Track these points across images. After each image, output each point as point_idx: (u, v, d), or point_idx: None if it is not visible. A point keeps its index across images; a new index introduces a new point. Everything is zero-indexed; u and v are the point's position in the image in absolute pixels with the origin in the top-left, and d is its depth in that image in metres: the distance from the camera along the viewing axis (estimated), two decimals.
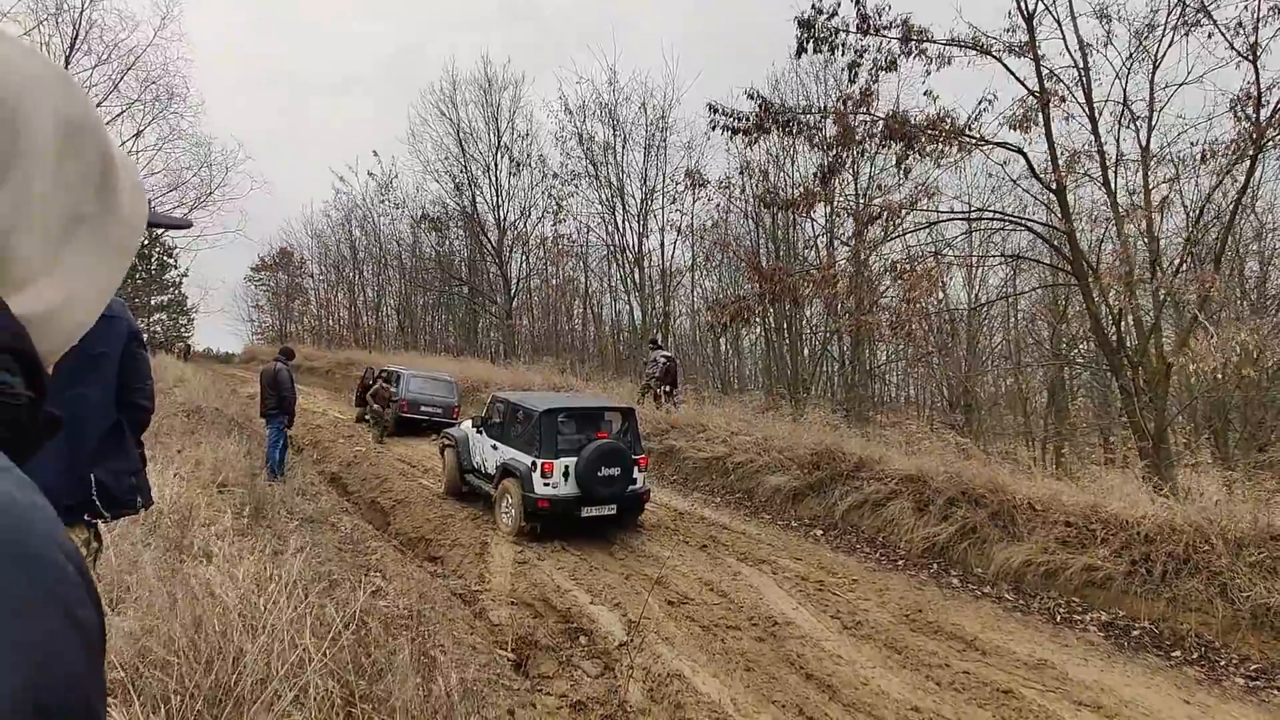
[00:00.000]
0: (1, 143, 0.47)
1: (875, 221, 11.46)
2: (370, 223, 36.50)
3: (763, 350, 22.80)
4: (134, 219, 0.60)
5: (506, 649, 5.18)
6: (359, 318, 40.92)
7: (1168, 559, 6.12)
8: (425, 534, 7.85)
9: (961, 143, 10.62)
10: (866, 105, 11.01)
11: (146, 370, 2.58)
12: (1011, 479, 7.87)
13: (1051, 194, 10.96)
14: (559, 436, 7.86)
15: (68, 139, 0.51)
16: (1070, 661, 5.30)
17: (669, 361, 14.16)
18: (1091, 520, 6.78)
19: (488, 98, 27.71)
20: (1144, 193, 11.35)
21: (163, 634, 3.01)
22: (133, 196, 0.59)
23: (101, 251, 0.56)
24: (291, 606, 3.44)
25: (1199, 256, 12.02)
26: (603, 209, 25.23)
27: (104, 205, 0.56)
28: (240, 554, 4.32)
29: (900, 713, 4.45)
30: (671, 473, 11.24)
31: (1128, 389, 9.79)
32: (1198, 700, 4.80)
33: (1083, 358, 16.17)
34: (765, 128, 11.61)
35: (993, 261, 17.04)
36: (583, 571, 6.80)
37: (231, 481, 6.97)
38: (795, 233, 20.59)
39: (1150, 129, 10.98)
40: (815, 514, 9.01)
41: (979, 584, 6.93)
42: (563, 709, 4.47)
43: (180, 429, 9.23)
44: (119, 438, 2.48)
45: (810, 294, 13.66)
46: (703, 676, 4.85)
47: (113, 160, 0.56)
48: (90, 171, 0.54)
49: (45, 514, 0.40)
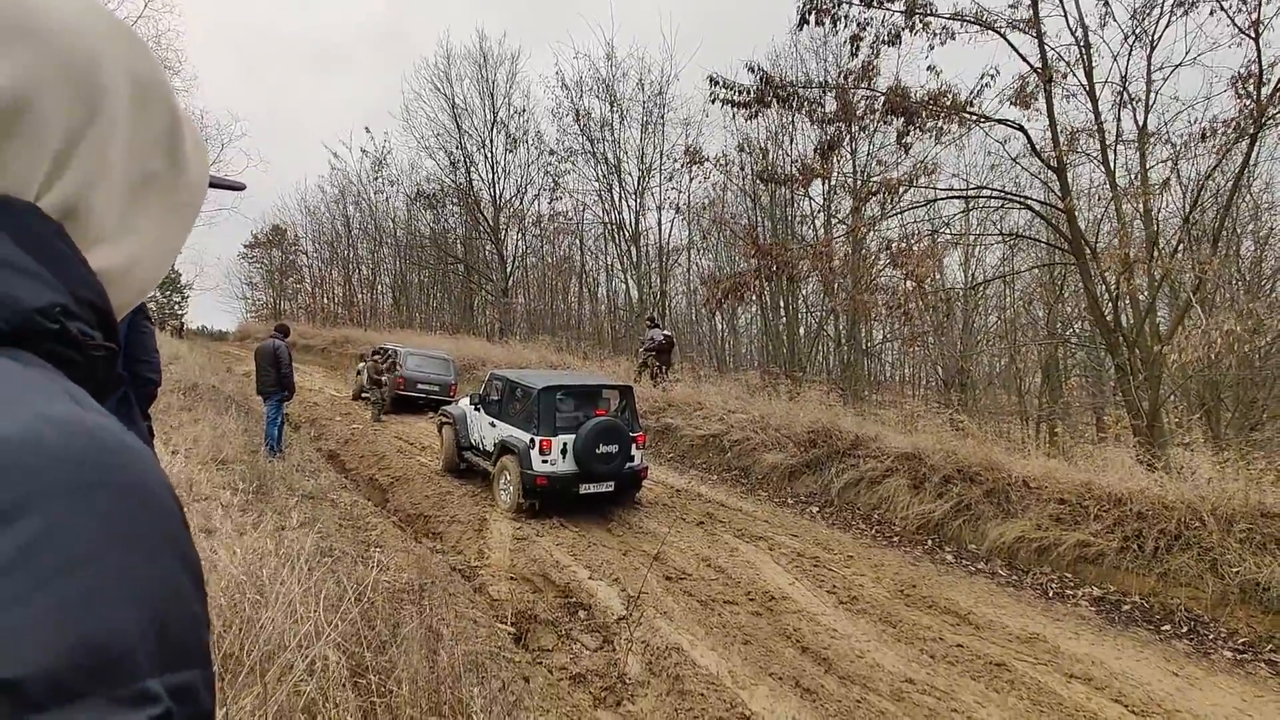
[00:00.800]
0: (84, 100, 0.47)
1: (873, 197, 11.42)
2: (365, 199, 36.27)
3: (759, 329, 22.80)
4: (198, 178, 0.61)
5: (507, 623, 5.24)
6: (354, 295, 40.74)
7: (1159, 535, 6.20)
8: (424, 510, 7.90)
9: (963, 118, 10.56)
10: (868, 80, 10.93)
11: (152, 343, 2.56)
12: (1006, 457, 7.95)
13: (1051, 172, 10.93)
14: (557, 414, 7.89)
15: (139, 97, 0.52)
16: (1062, 635, 5.39)
17: (666, 339, 14.17)
18: (1085, 497, 6.86)
19: (483, 73, 27.41)
20: (1141, 172, 11.34)
21: None
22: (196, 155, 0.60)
23: (169, 210, 0.57)
24: (297, 580, 3.48)
25: (1196, 237, 12.03)
26: (599, 186, 25.08)
27: (172, 164, 0.57)
28: (243, 528, 4.36)
29: (894, 685, 4.54)
30: (669, 450, 11.30)
31: (1123, 368, 9.84)
32: (1186, 673, 4.90)
33: (1078, 337, 16.23)
34: (765, 101, 11.52)
35: (990, 241, 17.05)
36: (581, 547, 6.86)
37: (231, 458, 6.99)
38: (793, 210, 20.50)
39: (1148, 109, 10.94)
40: (811, 491, 9.08)
41: (973, 560, 7.03)
42: (563, 681, 4.53)
43: (178, 406, 9.23)
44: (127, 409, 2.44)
45: (807, 270, 13.65)
46: (701, 649, 4.92)
47: (180, 119, 0.57)
48: (160, 130, 0.55)
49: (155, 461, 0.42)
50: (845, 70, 12.25)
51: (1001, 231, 15.28)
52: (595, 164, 24.85)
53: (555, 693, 4.33)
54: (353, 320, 36.92)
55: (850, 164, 17.76)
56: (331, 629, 3.10)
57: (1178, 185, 11.72)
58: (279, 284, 47.60)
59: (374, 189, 35.01)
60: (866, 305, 13.24)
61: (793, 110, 12.97)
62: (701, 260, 25.80)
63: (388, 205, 35.28)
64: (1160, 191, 11.13)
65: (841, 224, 16.63)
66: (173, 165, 0.57)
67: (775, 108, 12.66)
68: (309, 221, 42.58)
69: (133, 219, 0.53)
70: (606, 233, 26.12)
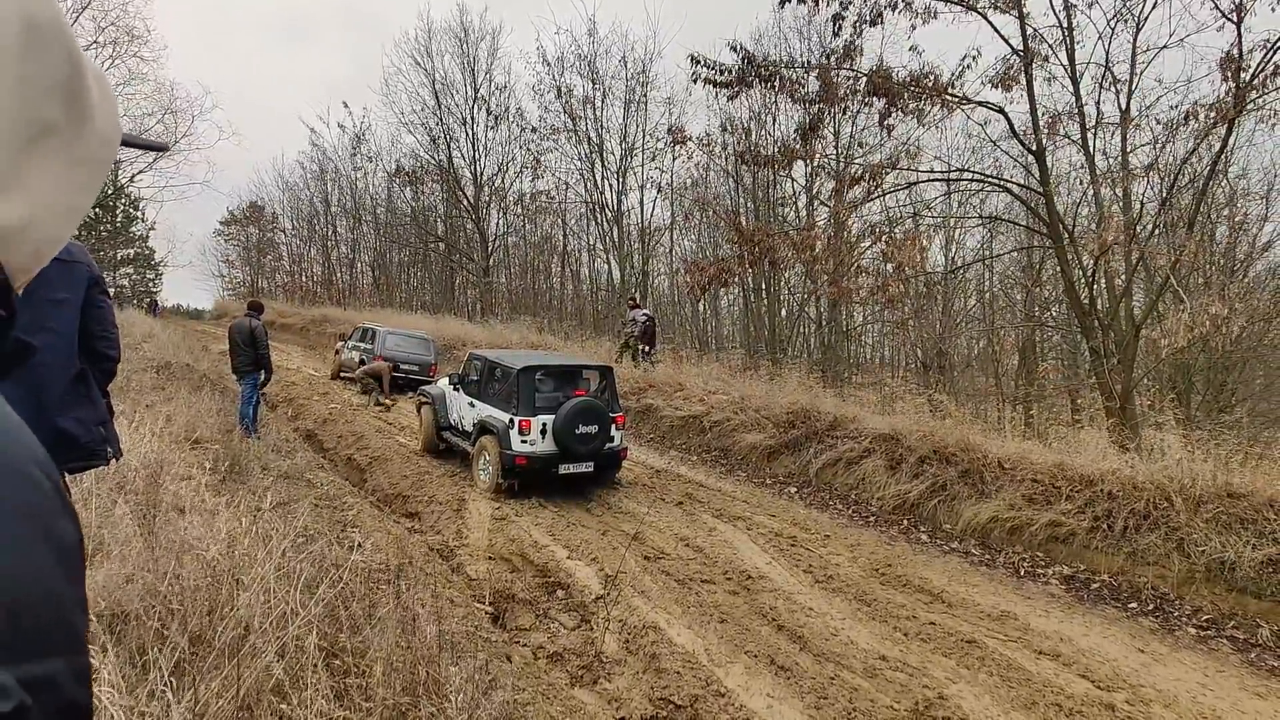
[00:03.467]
0: None
1: (857, 184, 11.40)
2: (344, 176, 35.71)
3: (741, 310, 22.84)
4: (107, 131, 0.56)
5: (485, 602, 5.24)
6: (333, 274, 40.21)
7: (1129, 515, 6.32)
8: (402, 491, 7.86)
9: (945, 100, 10.54)
10: (850, 60, 10.86)
11: (111, 319, 2.47)
12: (983, 438, 8.04)
13: (1031, 155, 10.97)
14: (536, 394, 7.85)
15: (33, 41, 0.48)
16: (1032, 613, 5.49)
17: (648, 320, 14.14)
18: (1058, 478, 6.97)
19: (464, 48, 26.96)
20: (1121, 156, 11.42)
21: (139, 585, 3.00)
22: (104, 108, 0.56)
23: (71, 164, 0.53)
24: (271, 560, 3.44)
25: (1173, 222, 12.17)
26: (581, 165, 24.87)
27: (73, 115, 0.52)
28: (216, 509, 4.30)
29: (868, 662, 4.60)
30: (649, 431, 11.32)
31: (1098, 351, 9.97)
32: (1151, 649, 5.01)
33: (1055, 320, 16.42)
34: (748, 81, 11.42)
35: (970, 224, 17.14)
36: (560, 528, 6.87)
37: (205, 438, 6.90)
38: (775, 191, 20.47)
39: (1131, 92, 11.01)
40: (790, 472, 9.15)
41: (947, 539, 7.12)
42: (540, 660, 4.55)
43: (150, 385, 9.07)
44: (85, 387, 2.38)
45: (790, 258, 13.64)
46: (677, 628, 4.95)
47: (81, 66, 0.53)
48: (57, 77, 0.50)
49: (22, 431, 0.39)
50: (828, 50, 12.17)
51: (981, 214, 15.36)
52: (577, 142, 24.64)
53: (532, 671, 4.35)
54: (332, 299, 36.47)
55: (833, 146, 17.75)
56: (306, 611, 3.08)
57: (1155, 170, 11.83)
58: (256, 262, 46.88)
59: (353, 165, 34.47)
60: (848, 289, 13.28)
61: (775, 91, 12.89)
62: (684, 241, 25.77)
63: (367, 182, 34.79)
64: (1143, 175, 11.22)
65: (824, 206, 16.62)
66: (74, 116, 0.52)
67: (758, 88, 12.58)
68: (287, 198, 41.94)
69: (26, 172, 0.49)
70: (589, 212, 25.97)
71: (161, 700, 2.16)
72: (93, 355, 2.40)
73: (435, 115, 27.39)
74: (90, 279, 2.39)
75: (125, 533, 3.66)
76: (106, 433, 2.45)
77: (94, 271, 2.42)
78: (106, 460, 2.45)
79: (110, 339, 2.47)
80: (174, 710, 2.10)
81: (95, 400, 2.42)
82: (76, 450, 2.31)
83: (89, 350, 2.39)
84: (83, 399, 2.37)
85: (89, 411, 2.38)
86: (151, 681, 2.48)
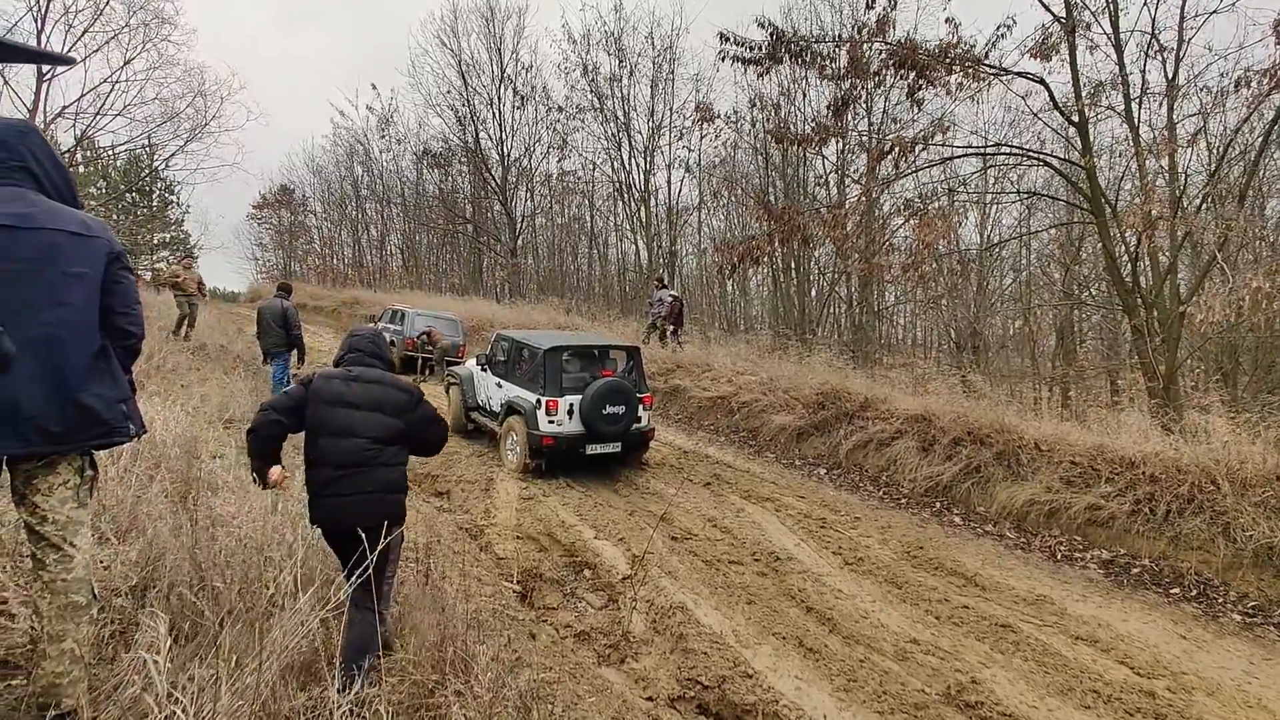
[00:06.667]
0: None
1: (887, 156, 11.11)
2: (372, 159, 35.91)
3: (770, 291, 22.58)
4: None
5: (512, 581, 5.27)
6: (363, 257, 40.61)
7: (1172, 499, 6.13)
8: (431, 470, 7.92)
9: (979, 72, 10.20)
10: (882, 34, 10.56)
11: (134, 295, 2.44)
12: (1018, 419, 7.86)
13: (1072, 127, 10.60)
14: (563, 375, 7.84)
15: None
16: (1069, 597, 5.36)
17: (675, 301, 14.04)
18: (1097, 460, 6.78)
19: (490, 27, 26.80)
20: (1168, 127, 10.97)
21: (170, 562, 3.04)
22: None
23: None
24: (301, 538, 3.47)
25: (1220, 195, 11.70)
26: (608, 145, 24.69)
27: None
28: (248, 487, 4.35)
29: (899, 645, 4.53)
30: (676, 411, 11.27)
31: (1140, 330, 9.66)
32: (1194, 635, 4.86)
33: (1094, 299, 15.96)
34: (777, 57, 11.17)
35: (1006, 200, 16.67)
36: (587, 508, 6.87)
37: (238, 418, 7.00)
38: (805, 170, 20.11)
39: (1178, 59, 10.53)
40: (819, 453, 9.04)
41: (981, 522, 6.99)
42: (567, 638, 4.55)
43: (186, 365, 9.24)
44: (106, 363, 2.37)
45: (821, 235, 13.40)
46: (705, 609, 4.93)
47: None
48: None
49: None
50: (859, 23, 11.85)
51: (1019, 190, 14.90)
52: (604, 122, 24.46)
53: (559, 650, 4.35)
54: (362, 281, 36.84)
55: (865, 122, 17.36)
56: (335, 587, 3.10)
57: (1204, 141, 11.36)
58: (289, 245, 47.50)
59: (381, 148, 34.63)
60: (880, 268, 13.02)
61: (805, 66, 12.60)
62: (712, 220, 25.49)
63: (395, 165, 34.94)
64: (1187, 146, 10.78)
65: (855, 184, 16.29)
66: None
67: (787, 64, 12.30)
68: (317, 181, 42.35)
69: None
70: (616, 192, 25.81)
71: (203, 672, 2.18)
72: (114, 332, 2.39)
73: (462, 96, 27.36)
74: (110, 254, 2.35)
75: (159, 509, 3.71)
76: (128, 409, 2.43)
77: (114, 247, 2.38)
78: (129, 438, 2.44)
79: (132, 315, 2.43)
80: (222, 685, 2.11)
81: (117, 376, 2.41)
82: (98, 426, 2.31)
83: (110, 326, 2.37)
84: (104, 375, 2.35)
85: (111, 388, 2.36)
86: (188, 653, 2.51)
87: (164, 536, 3.28)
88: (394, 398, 3.19)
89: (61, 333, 2.22)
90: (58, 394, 2.21)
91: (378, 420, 3.12)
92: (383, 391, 3.18)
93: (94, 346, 2.32)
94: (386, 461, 3.12)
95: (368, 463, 3.06)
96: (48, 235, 2.21)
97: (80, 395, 2.25)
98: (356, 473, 3.03)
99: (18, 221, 2.17)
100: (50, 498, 2.25)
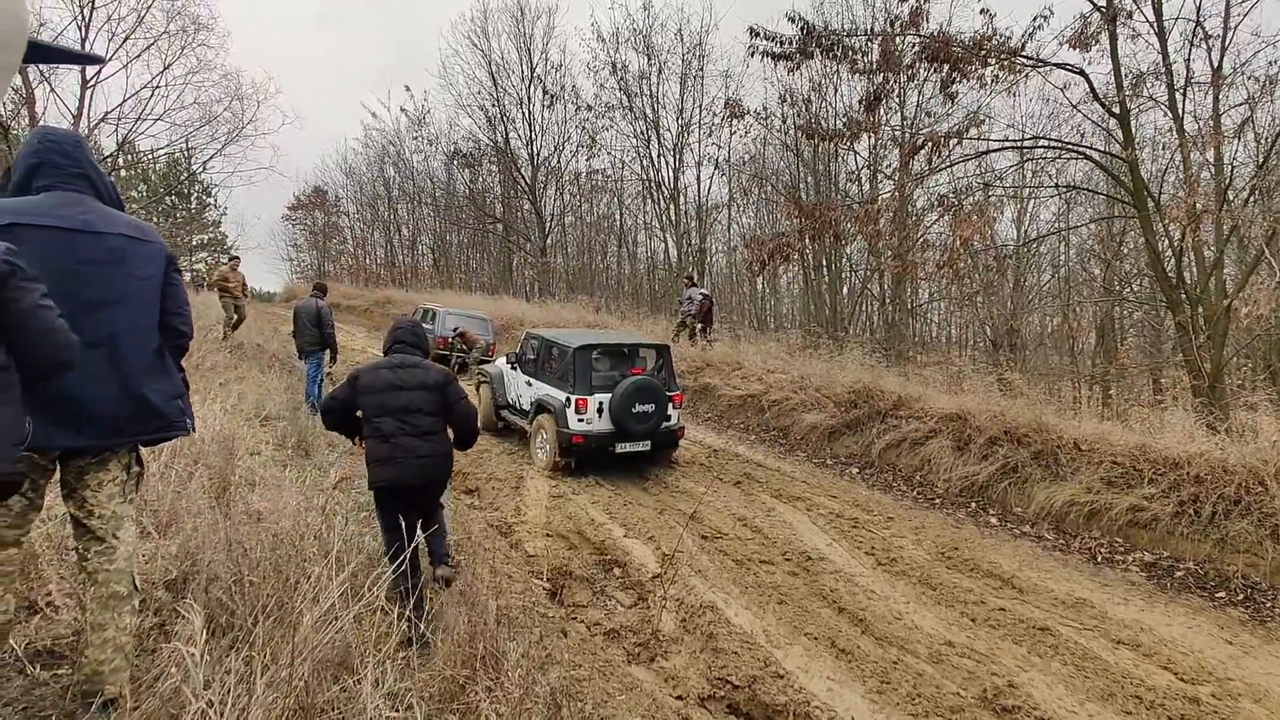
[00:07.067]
0: None
1: (921, 151, 10.93)
2: (404, 160, 36.36)
3: (801, 288, 22.38)
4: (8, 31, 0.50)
5: (542, 579, 5.29)
6: (395, 257, 41.15)
7: (1218, 500, 5.94)
8: (461, 468, 7.99)
9: (1016, 64, 9.97)
10: (916, 26, 10.39)
11: (184, 296, 2.58)
12: (1057, 419, 7.68)
13: (1113, 119, 10.31)
14: (593, 373, 7.86)
15: None
16: (1110, 601, 5.23)
17: (705, 299, 13.99)
18: (1139, 460, 6.59)
19: (520, 27, 26.94)
20: (1213, 117, 10.63)
21: (207, 557, 3.10)
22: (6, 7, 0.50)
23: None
24: (337, 534, 3.52)
25: (1269, 188, 11.31)
26: (637, 143, 24.66)
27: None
28: (283, 483, 4.43)
29: (933, 647, 4.45)
30: (706, 410, 11.23)
31: (1185, 326, 9.37)
32: (1241, 640, 4.71)
33: (1135, 295, 15.54)
34: (808, 52, 11.06)
35: (1044, 195, 16.32)
36: (617, 506, 6.87)
37: (274, 415, 7.13)
38: (837, 165, 19.88)
39: (1224, 47, 10.19)
40: (851, 452, 8.94)
41: (1018, 523, 6.84)
42: (597, 636, 4.56)
43: (223, 364, 9.45)
44: (163, 361, 2.50)
45: (853, 231, 13.24)
46: (735, 608, 4.90)
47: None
48: None
49: None
50: (893, 16, 11.67)
51: (1057, 184, 14.55)
52: (633, 120, 24.42)
53: (589, 648, 4.36)
54: (394, 281, 37.34)
55: (898, 116, 17.10)
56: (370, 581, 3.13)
57: (1251, 132, 10.98)
58: (323, 246, 48.32)
59: (412, 149, 35.04)
60: (913, 265, 12.82)
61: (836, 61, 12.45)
62: (742, 218, 25.34)
63: (426, 165, 35.33)
64: (1234, 138, 10.43)
65: (888, 180, 16.06)
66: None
67: (818, 58, 12.17)
68: (349, 183, 43.00)
69: None
70: (645, 190, 25.79)
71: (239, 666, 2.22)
72: (168, 331, 2.52)
73: (492, 96, 27.56)
74: (166, 257, 2.50)
75: (198, 505, 3.80)
76: (184, 405, 2.56)
77: (167, 250, 2.53)
78: (186, 432, 2.57)
79: (184, 316, 2.57)
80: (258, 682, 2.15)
81: (173, 373, 2.54)
82: (158, 420, 2.42)
83: (165, 326, 2.51)
84: (163, 372, 2.48)
85: (168, 384, 2.49)
86: (224, 646, 2.56)
87: (202, 531, 3.36)
88: (433, 375, 4.03)
89: (126, 332, 2.35)
90: (123, 390, 2.32)
91: (423, 395, 3.93)
92: (423, 372, 4.01)
93: (154, 345, 2.45)
94: (432, 430, 3.94)
95: (417, 433, 3.87)
96: (113, 239, 2.34)
97: (143, 391, 2.37)
98: (409, 443, 3.83)
99: (85, 225, 2.29)
100: (99, 493, 2.34)
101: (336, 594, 2.74)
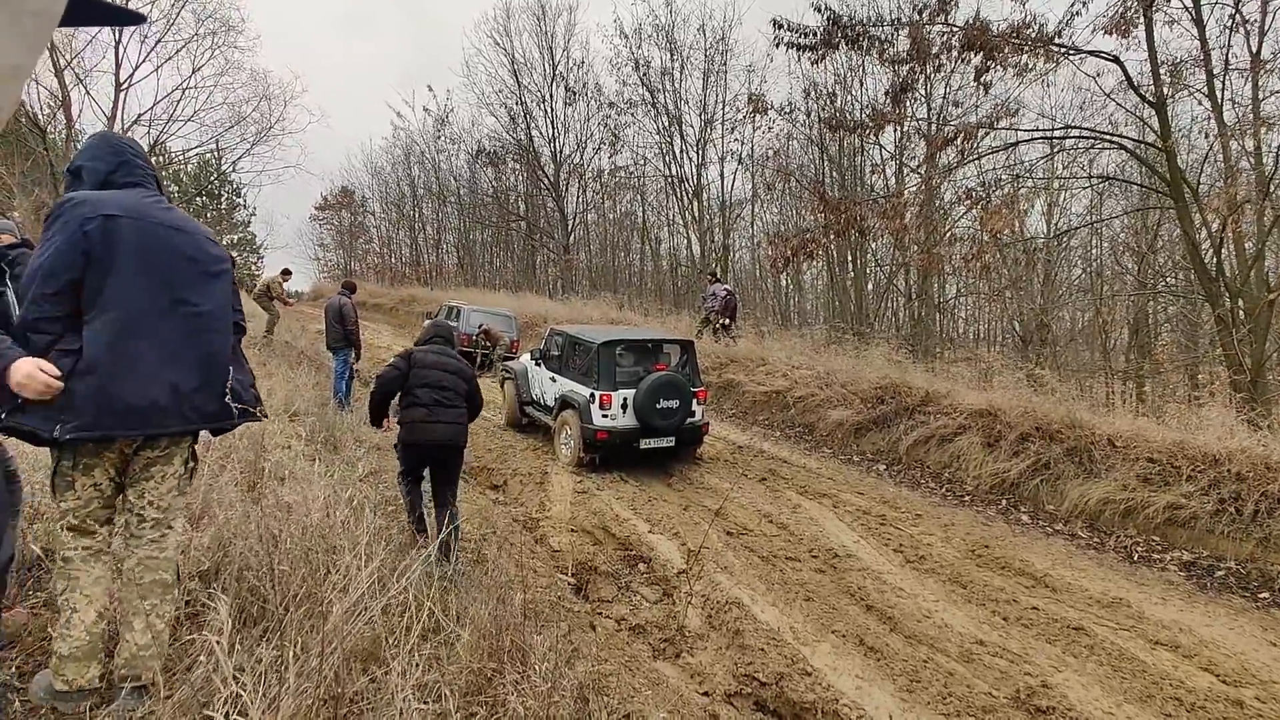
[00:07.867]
0: None
1: (950, 144, 10.76)
2: (428, 159, 36.62)
3: (825, 284, 22.17)
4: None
5: (567, 574, 5.29)
6: (420, 255, 41.48)
7: (1261, 498, 5.77)
8: (487, 464, 8.03)
9: (1050, 52, 9.76)
10: (944, 14, 10.22)
11: (238, 292, 2.73)
12: (1090, 415, 7.52)
13: (1150, 108, 10.06)
14: (617, 369, 7.84)
15: None
16: (1147, 600, 5.10)
17: (729, 295, 13.92)
18: (1177, 457, 6.43)
19: (542, 25, 27.00)
20: (1253, 105, 10.33)
21: (239, 548, 3.13)
22: None
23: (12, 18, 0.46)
24: (364, 528, 3.54)
25: None
26: (660, 139, 24.57)
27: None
28: (311, 477, 4.47)
29: (964, 646, 4.38)
30: (730, 406, 11.17)
31: (1224, 320, 9.12)
32: None
33: (1171, 288, 15.17)
34: (833, 43, 10.95)
35: (1076, 187, 15.97)
36: (641, 502, 6.85)
37: (302, 411, 7.21)
38: (862, 159, 19.64)
39: (1263, 33, 9.90)
40: (878, 449, 8.83)
41: (1050, 521, 6.71)
42: (622, 631, 4.55)
43: (253, 361, 9.57)
44: (236, 351, 2.66)
45: (879, 226, 13.08)
46: (761, 605, 4.85)
47: None
48: None
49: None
50: (920, 5, 11.49)
51: (1090, 175, 14.23)
52: (655, 116, 24.35)
53: (615, 643, 4.35)
54: (419, 280, 37.65)
55: (925, 108, 16.86)
56: (396, 574, 3.15)
57: None
58: (349, 245, 48.85)
59: (437, 148, 35.28)
60: (940, 259, 12.64)
61: (862, 52, 12.30)
62: (766, 214, 25.15)
63: (450, 164, 35.55)
64: (1275, 126, 10.13)
65: (914, 173, 15.83)
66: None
67: (843, 49, 12.03)
68: (375, 182, 43.44)
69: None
70: (668, 186, 25.71)
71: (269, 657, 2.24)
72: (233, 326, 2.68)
73: (514, 95, 27.65)
74: (230, 258, 2.67)
75: (230, 498, 3.84)
76: (256, 392, 2.72)
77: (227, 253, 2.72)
78: (261, 417, 2.74)
79: (241, 310, 2.73)
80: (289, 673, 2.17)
81: (243, 363, 2.71)
82: (236, 407, 2.56)
83: None
84: (239, 362, 2.65)
85: (243, 373, 2.66)
86: (255, 636, 2.58)
87: (234, 524, 3.39)
88: (461, 365, 5.02)
89: (211, 324, 2.50)
90: (211, 378, 2.47)
91: (453, 378, 4.89)
92: (455, 362, 5.01)
93: (230, 337, 2.61)
94: (458, 404, 4.85)
95: (450, 404, 4.80)
96: (200, 239, 2.51)
97: (227, 378, 2.53)
98: (444, 411, 4.76)
99: (177, 224, 2.44)
100: (161, 485, 2.45)
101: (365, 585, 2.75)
